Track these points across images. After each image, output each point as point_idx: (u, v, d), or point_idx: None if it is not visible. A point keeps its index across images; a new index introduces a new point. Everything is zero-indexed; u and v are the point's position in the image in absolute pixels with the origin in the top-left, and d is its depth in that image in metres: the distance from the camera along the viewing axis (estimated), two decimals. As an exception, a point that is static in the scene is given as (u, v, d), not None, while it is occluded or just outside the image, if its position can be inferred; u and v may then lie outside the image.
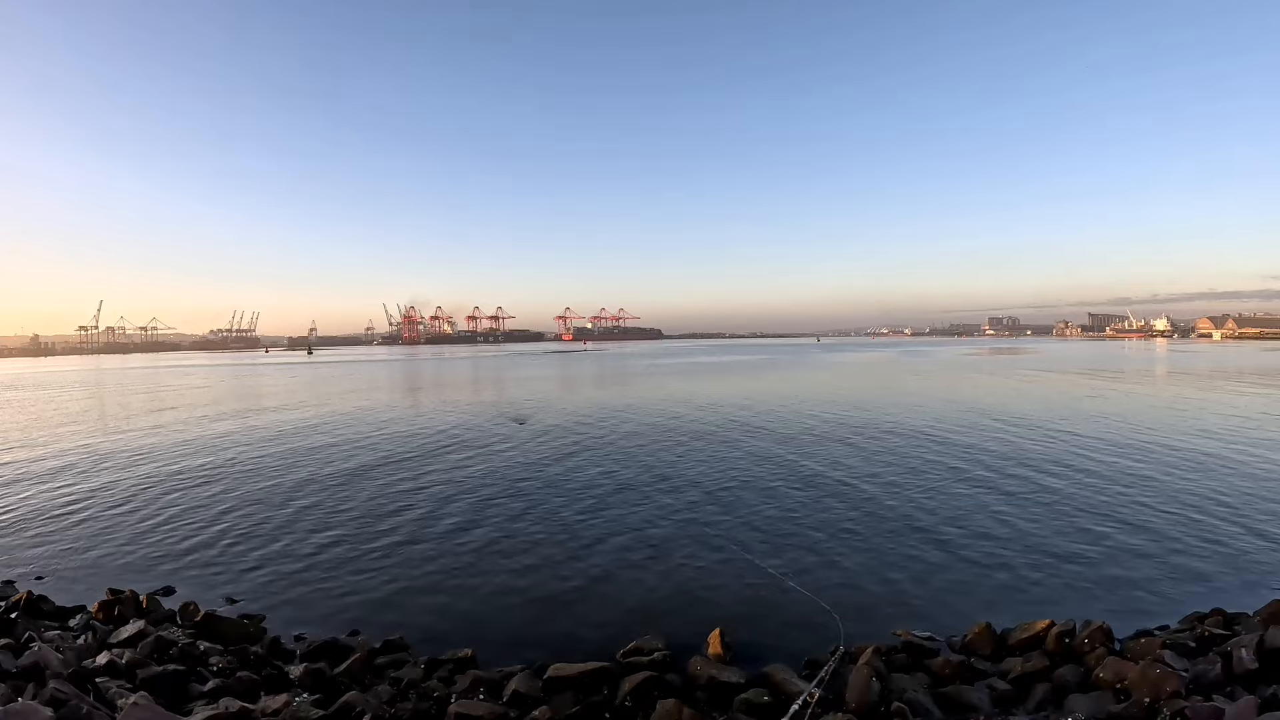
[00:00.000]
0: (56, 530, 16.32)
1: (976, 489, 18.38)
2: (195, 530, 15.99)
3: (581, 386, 60.70)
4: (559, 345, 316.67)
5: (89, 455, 26.78)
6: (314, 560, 13.69)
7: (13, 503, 19.09)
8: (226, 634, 9.96)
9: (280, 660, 9.43)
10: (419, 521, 16.30)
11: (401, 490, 19.52)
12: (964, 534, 14.44)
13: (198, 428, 34.90)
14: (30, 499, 19.42)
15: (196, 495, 19.40)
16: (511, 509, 17.25)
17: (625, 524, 15.78)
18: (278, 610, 11.27)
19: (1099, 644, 8.75)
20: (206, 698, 7.98)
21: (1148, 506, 16.25)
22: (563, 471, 21.76)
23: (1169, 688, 7.46)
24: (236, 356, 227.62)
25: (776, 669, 8.47)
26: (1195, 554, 12.92)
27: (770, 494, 18.26)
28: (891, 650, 9.06)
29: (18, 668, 8.05)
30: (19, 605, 10.82)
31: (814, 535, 14.54)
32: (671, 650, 9.12)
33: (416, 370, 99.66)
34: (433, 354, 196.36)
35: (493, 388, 61.59)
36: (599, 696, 8.31)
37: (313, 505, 17.96)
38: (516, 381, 69.28)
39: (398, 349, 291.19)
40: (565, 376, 78.05)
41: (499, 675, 8.71)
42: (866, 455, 23.65)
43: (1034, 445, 24.99)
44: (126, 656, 8.74)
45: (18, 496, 19.82)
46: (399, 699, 8.32)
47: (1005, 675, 8.58)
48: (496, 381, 70.85)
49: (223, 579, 12.81)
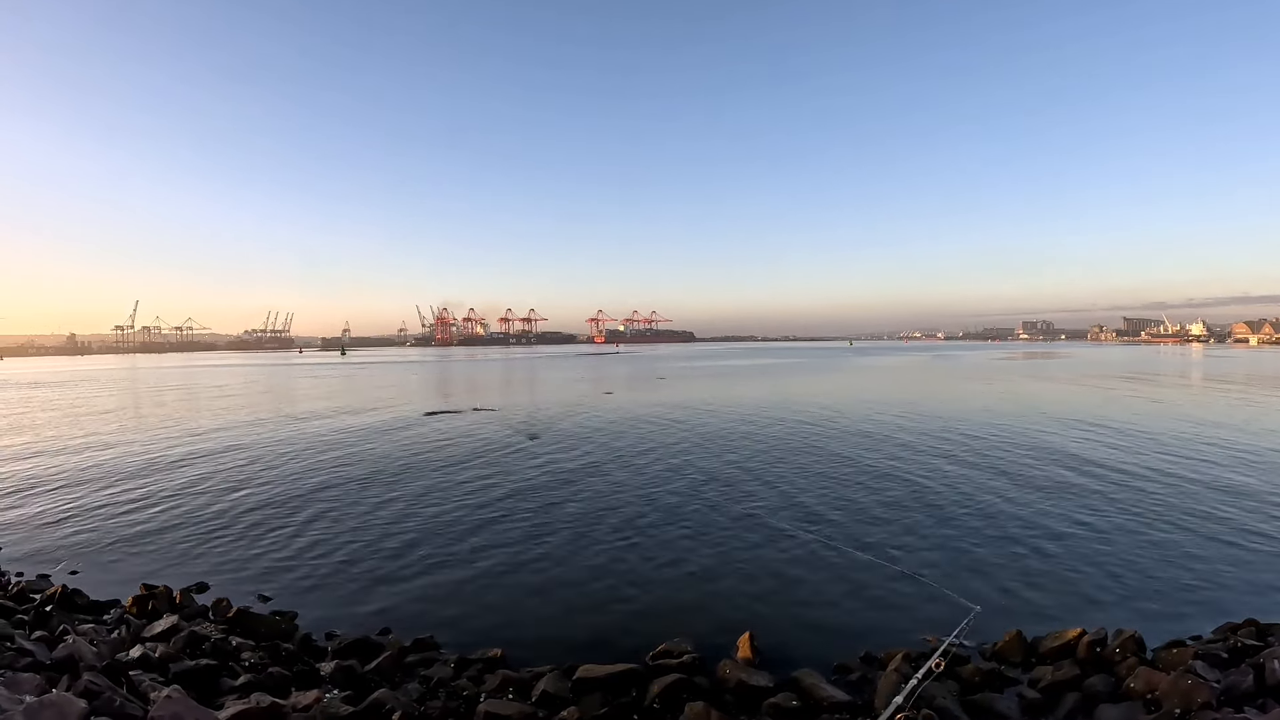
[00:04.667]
0: (91, 525, 16.02)
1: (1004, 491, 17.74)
2: (228, 528, 15.64)
3: (615, 389, 59.16)
4: (591, 348, 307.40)
5: (124, 452, 26.46)
6: (345, 560, 13.30)
7: (48, 498, 18.83)
8: (258, 630, 9.66)
9: (311, 657, 9.10)
10: (450, 523, 15.84)
11: (433, 493, 18.96)
12: (993, 539, 13.89)
13: (231, 427, 34.43)
14: (65, 494, 19.14)
15: (230, 494, 19.04)
16: (541, 512, 16.72)
17: (655, 527, 15.26)
18: (309, 608, 10.91)
19: (1130, 653, 8.33)
20: (238, 692, 7.71)
21: (1184, 513, 15.57)
22: (593, 475, 21.10)
23: (1200, 699, 7.09)
24: (270, 357, 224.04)
25: (806, 674, 8.10)
26: (1230, 563, 12.31)
27: (801, 499, 17.53)
28: (921, 657, 8.58)
29: (52, 659, 7.79)
30: (54, 599, 10.61)
31: (844, 543, 13.91)
32: (701, 653, 8.73)
33: (450, 372, 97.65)
34: (465, 355, 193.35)
35: (526, 390, 60.51)
36: (627, 698, 7.97)
37: (345, 506, 17.51)
38: (549, 384, 67.85)
39: (430, 350, 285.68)
40: (599, 378, 76.49)
41: (528, 675, 8.37)
42: (900, 457, 22.91)
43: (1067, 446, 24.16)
44: (159, 650, 8.48)
45: (53, 491, 19.56)
46: (429, 697, 8.00)
47: (1035, 684, 8.15)
48: (529, 383, 69.65)
49: (255, 577, 12.46)
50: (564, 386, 63.58)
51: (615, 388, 59.64)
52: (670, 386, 60.85)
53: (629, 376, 79.28)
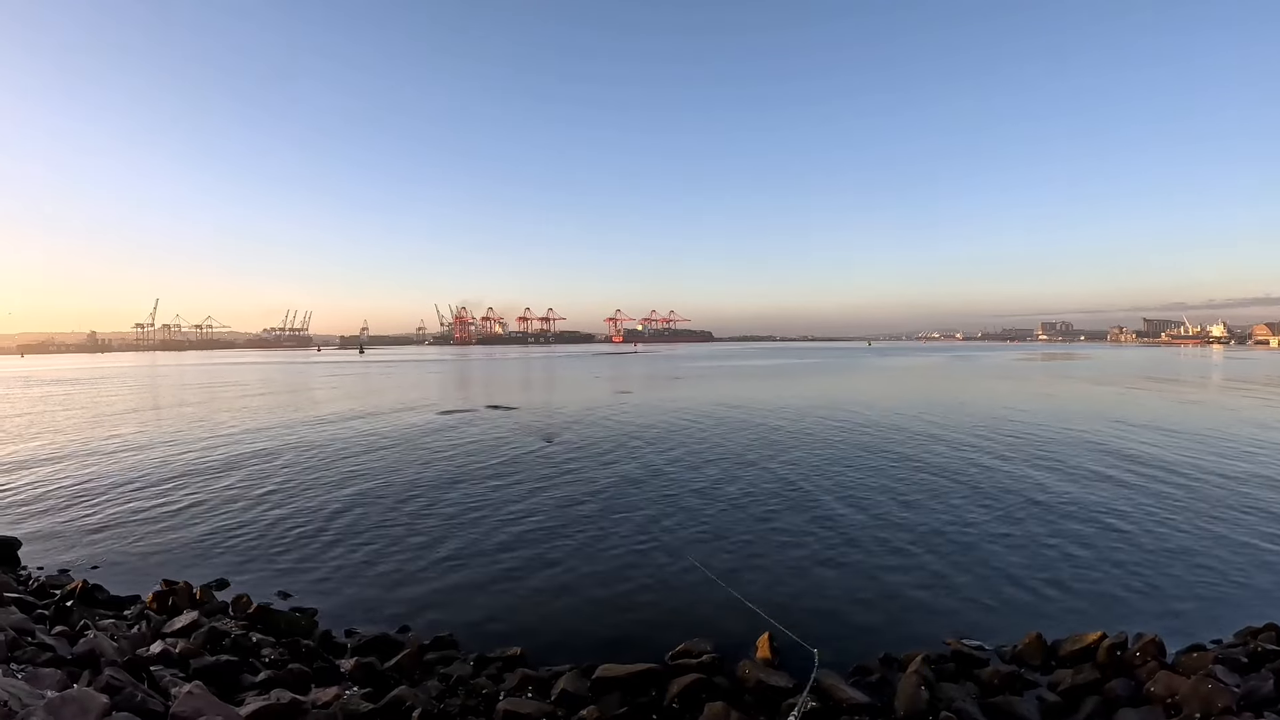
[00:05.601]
0: (111, 521, 15.99)
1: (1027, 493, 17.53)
2: (249, 525, 15.58)
3: (633, 388, 58.80)
4: (609, 347, 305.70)
5: (144, 450, 26.45)
6: (365, 558, 13.21)
7: (69, 495, 18.81)
8: (278, 627, 9.58)
9: (331, 654, 9.03)
10: (469, 522, 15.71)
11: (452, 492, 18.81)
12: (1014, 542, 13.67)
13: (251, 426, 34.30)
14: (86, 491, 19.11)
15: (250, 492, 18.97)
16: (560, 511, 16.56)
17: (674, 527, 15.10)
18: (329, 605, 10.83)
19: (1150, 657, 8.17)
20: (258, 688, 7.65)
21: (1207, 516, 15.33)
22: (612, 474, 20.85)
23: (1220, 703, 7.00)
24: (289, 355, 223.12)
25: (825, 674, 7.94)
26: (1250, 566, 12.12)
27: (822, 501, 17.26)
28: (941, 659, 8.49)
29: (73, 654, 7.71)
30: (75, 594, 10.55)
31: (868, 544, 13.73)
32: (720, 653, 8.62)
33: (469, 371, 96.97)
34: (484, 354, 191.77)
35: (545, 389, 60.18)
36: (647, 698, 7.87)
37: (365, 504, 17.41)
38: (567, 383, 67.39)
39: (449, 349, 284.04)
40: (617, 377, 76.18)
41: (547, 674, 8.28)
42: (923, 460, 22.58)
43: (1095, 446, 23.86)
44: (180, 646, 8.40)
45: (74, 488, 19.54)
46: (448, 695, 7.91)
47: (1055, 687, 8.02)
48: (548, 383, 69.20)
49: (275, 573, 12.39)
50: (582, 385, 63.23)
51: (633, 387, 59.40)
52: (689, 386, 60.42)
53: (647, 376, 78.88)
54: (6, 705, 5.67)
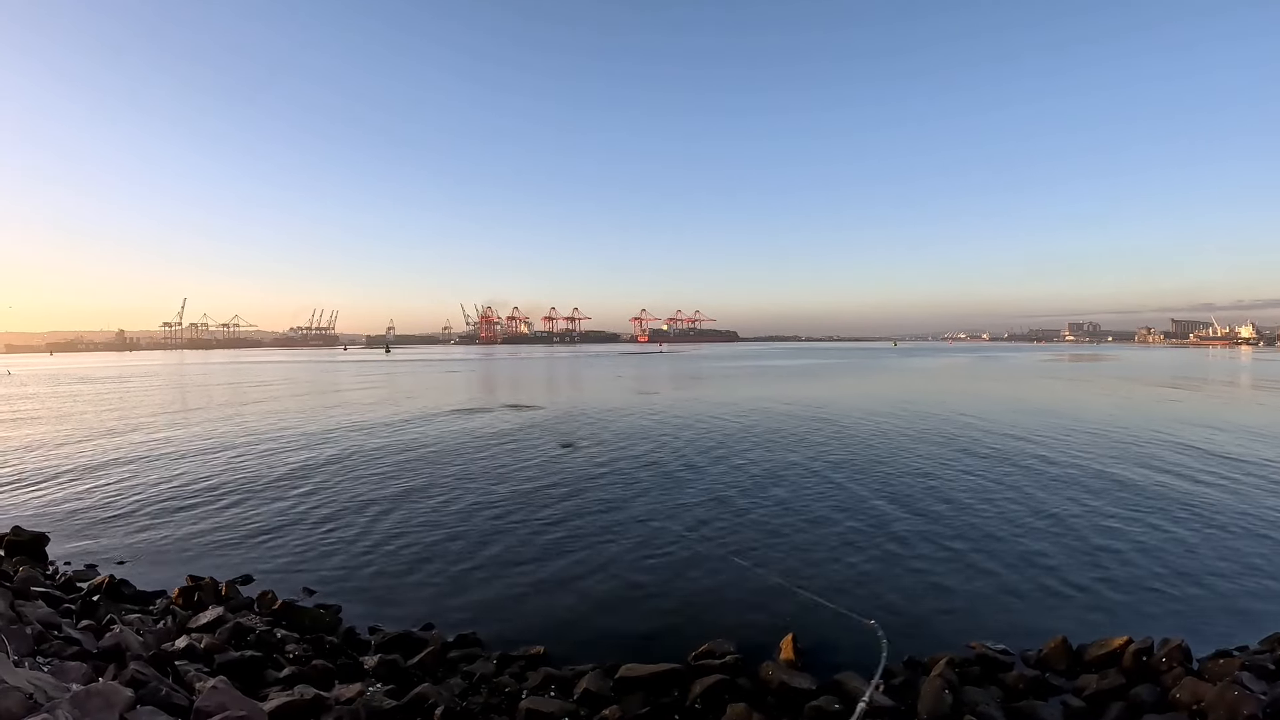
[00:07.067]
0: (138, 517, 15.94)
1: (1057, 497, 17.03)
2: (274, 522, 15.45)
3: (659, 388, 57.66)
4: (634, 347, 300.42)
5: (171, 445, 26.47)
6: (390, 555, 13.04)
7: (96, 489, 18.81)
8: (303, 623, 9.49)
9: (355, 650, 8.91)
10: (493, 520, 15.47)
11: (477, 490, 18.49)
12: (1040, 545, 13.27)
13: (277, 422, 34.18)
14: (113, 487, 19.08)
15: (275, 488, 18.82)
16: (585, 511, 16.21)
17: (699, 526, 14.79)
18: (353, 602, 10.69)
19: (1176, 663, 7.91)
20: (282, 684, 7.55)
21: (1234, 520, 14.84)
22: (638, 476, 20.34)
23: (1246, 711, 6.74)
24: (315, 354, 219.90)
25: (848, 676, 7.77)
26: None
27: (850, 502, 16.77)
28: (964, 662, 8.25)
29: (99, 649, 7.62)
30: (101, 588, 10.53)
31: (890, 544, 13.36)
32: (743, 654, 8.40)
33: (495, 371, 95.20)
34: (509, 354, 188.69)
35: (571, 389, 59.27)
36: (669, 698, 7.69)
37: (390, 502, 17.18)
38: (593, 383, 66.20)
39: (474, 348, 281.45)
40: (643, 377, 75.17)
41: (570, 673, 8.11)
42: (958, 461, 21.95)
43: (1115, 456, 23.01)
44: (205, 641, 8.32)
45: (101, 484, 19.53)
46: (471, 693, 7.78)
47: (1080, 692, 7.78)
48: (574, 382, 68.20)
49: (300, 570, 12.25)
50: (608, 385, 62.30)
51: (659, 387, 58.53)
52: (715, 386, 59.54)
53: (673, 376, 77.81)
54: (32, 698, 5.57)
